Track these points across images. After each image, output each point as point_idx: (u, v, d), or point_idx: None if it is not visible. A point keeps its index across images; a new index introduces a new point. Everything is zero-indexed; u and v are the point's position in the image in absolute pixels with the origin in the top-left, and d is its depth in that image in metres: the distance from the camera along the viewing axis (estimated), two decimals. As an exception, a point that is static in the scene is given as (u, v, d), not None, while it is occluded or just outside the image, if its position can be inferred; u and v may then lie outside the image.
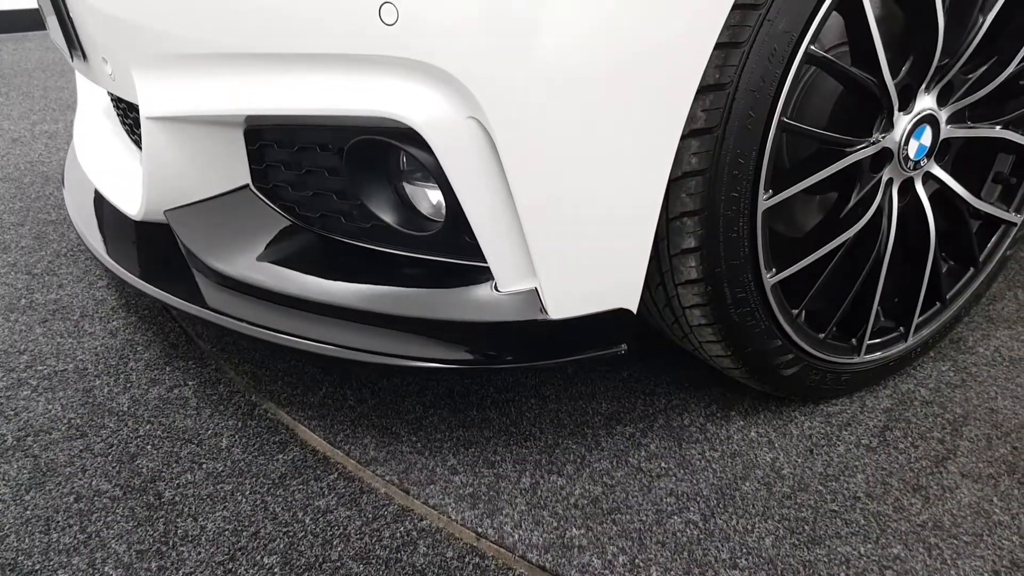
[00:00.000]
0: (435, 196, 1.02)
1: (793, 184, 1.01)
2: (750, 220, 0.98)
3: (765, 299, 1.05)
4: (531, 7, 0.79)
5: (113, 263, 1.26)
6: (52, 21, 1.28)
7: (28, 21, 4.22)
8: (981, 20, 1.08)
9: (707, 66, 0.88)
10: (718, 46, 0.88)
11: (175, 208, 1.16)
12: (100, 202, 1.46)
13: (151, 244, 1.30)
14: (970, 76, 1.13)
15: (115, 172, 1.40)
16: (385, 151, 0.97)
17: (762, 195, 0.98)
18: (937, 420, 1.20)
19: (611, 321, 0.99)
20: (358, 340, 1.00)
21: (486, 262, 0.95)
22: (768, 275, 1.04)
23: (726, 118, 0.91)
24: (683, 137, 0.91)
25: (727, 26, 0.87)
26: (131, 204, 1.25)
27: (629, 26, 0.82)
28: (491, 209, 0.91)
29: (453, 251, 1.00)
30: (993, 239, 1.32)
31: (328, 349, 1.01)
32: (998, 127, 1.20)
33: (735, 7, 0.87)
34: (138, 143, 1.46)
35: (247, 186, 1.14)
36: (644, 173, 0.90)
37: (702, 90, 0.89)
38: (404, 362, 0.99)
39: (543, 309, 0.95)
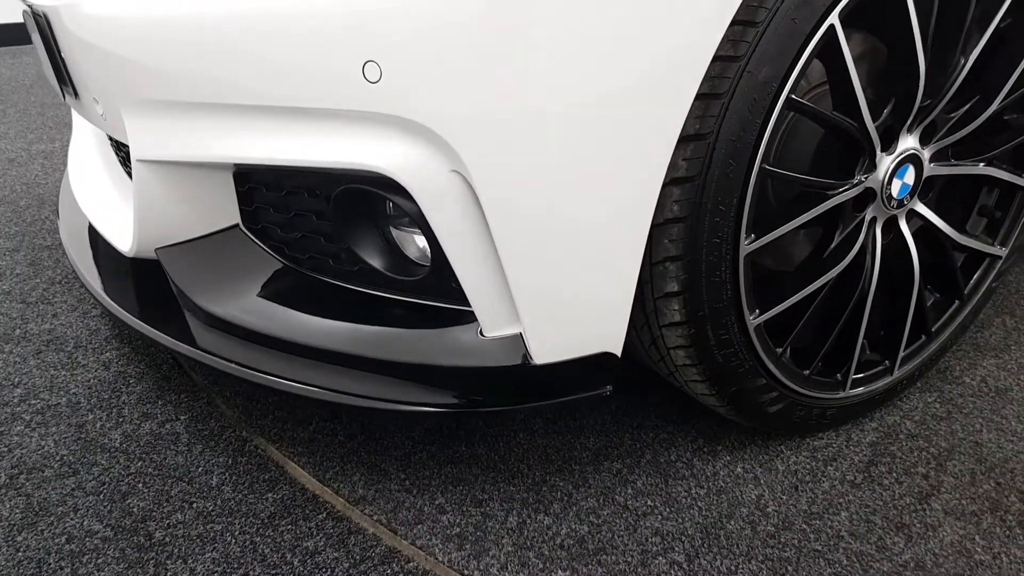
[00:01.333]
0: (422, 241, 1.03)
1: (776, 228, 1.02)
2: (732, 265, 1.00)
3: (748, 340, 1.06)
4: (512, 68, 0.80)
5: (107, 299, 1.27)
6: (43, 57, 1.29)
7: (25, 35, 4.24)
8: (963, 61, 1.09)
9: (688, 116, 0.89)
10: (699, 96, 0.89)
11: (166, 246, 1.17)
12: (95, 234, 1.48)
13: (144, 279, 1.31)
14: (953, 115, 1.14)
15: (108, 205, 1.42)
16: (372, 197, 0.98)
17: (744, 240, 0.99)
18: (922, 454, 1.21)
19: (595, 364, 1.00)
20: (345, 384, 1.01)
21: (471, 307, 0.96)
22: (751, 317, 1.05)
23: (707, 167, 0.92)
24: (665, 185, 0.92)
25: (707, 77, 0.88)
26: (123, 240, 1.26)
27: (610, 83, 0.83)
28: (475, 258, 0.92)
29: (439, 295, 1.01)
30: (978, 272, 1.33)
31: (315, 392, 1.02)
32: (981, 164, 1.21)
33: (715, 59, 0.88)
34: (131, 174, 1.47)
35: (237, 226, 1.15)
36: (626, 223, 0.92)
37: (683, 139, 0.90)
38: (390, 406, 1.00)
39: (528, 355, 0.97)
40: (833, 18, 0.92)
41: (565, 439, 1.23)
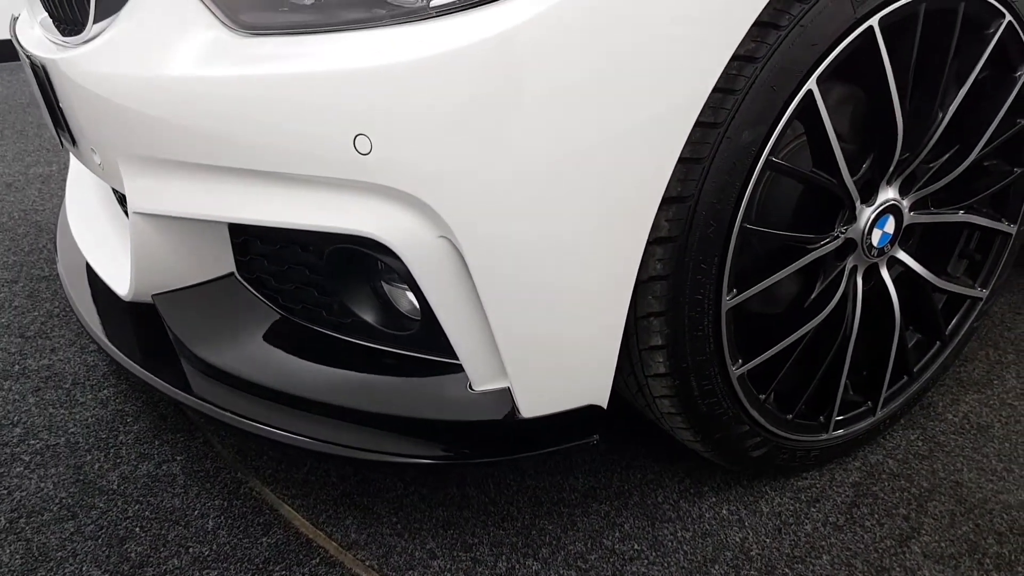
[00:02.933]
0: (413, 296, 1.05)
1: (757, 282, 1.05)
2: (714, 319, 1.02)
3: (732, 389, 1.09)
4: (498, 140, 0.83)
5: (106, 342, 1.28)
6: (40, 103, 1.31)
7: (23, 50, 4.25)
8: (941, 115, 1.12)
9: (670, 180, 0.92)
10: (680, 160, 0.91)
11: (163, 293, 1.20)
12: (93, 273, 1.50)
13: (142, 320, 1.33)
14: (932, 165, 1.17)
15: (105, 247, 1.44)
16: (364, 255, 1.01)
17: (725, 296, 1.02)
18: (903, 495, 1.24)
19: (583, 416, 1.03)
20: (336, 434, 1.04)
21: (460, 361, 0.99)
22: (734, 367, 1.07)
23: (689, 228, 0.95)
24: (648, 244, 0.95)
25: (688, 142, 0.91)
26: (120, 284, 1.28)
27: (595, 153, 0.86)
28: (463, 316, 0.95)
29: (430, 348, 1.04)
30: (960, 313, 1.36)
31: (307, 443, 1.05)
32: (961, 212, 1.24)
33: (696, 125, 0.90)
34: (128, 213, 1.49)
35: (232, 274, 1.17)
36: (610, 282, 0.94)
37: (666, 201, 0.93)
38: (380, 457, 1.02)
39: (516, 409, 0.99)
40: (811, 83, 0.95)
41: (554, 480, 1.25)
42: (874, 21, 0.96)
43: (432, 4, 0.83)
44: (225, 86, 0.91)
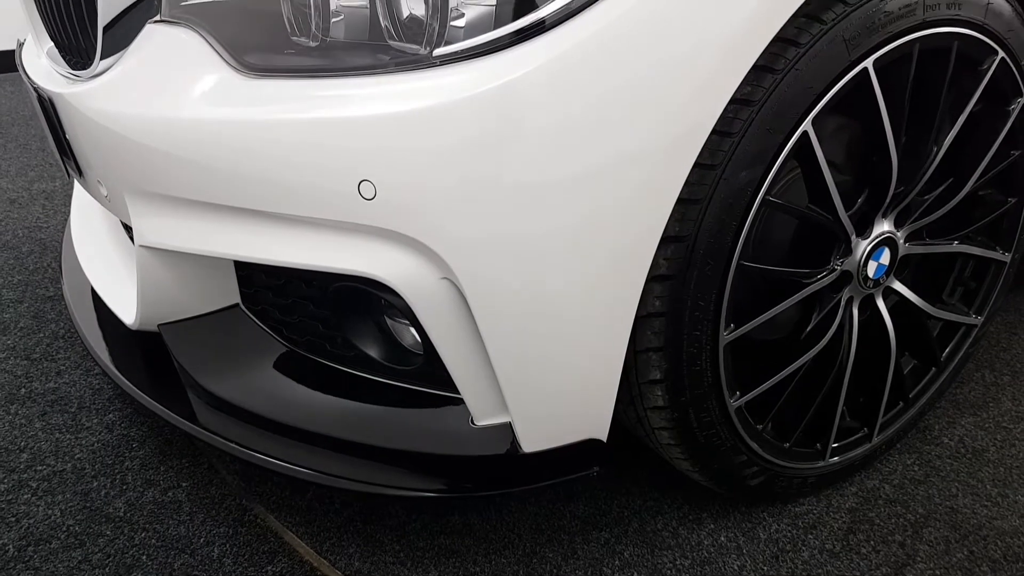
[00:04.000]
0: (415, 331, 1.07)
1: (755, 317, 1.07)
2: (712, 354, 1.04)
3: (729, 421, 1.10)
4: (499, 185, 0.84)
5: (113, 370, 1.29)
6: (47, 132, 1.33)
7: (26, 61, 4.27)
8: (935, 150, 1.13)
9: (669, 220, 0.94)
10: (679, 201, 0.93)
11: (169, 323, 1.21)
12: (98, 297, 1.51)
13: (148, 346, 1.34)
14: (927, 197, 1.19)
15: (111, 273, 1.45)
16: (368, 293, 1.02)
17: (723, 331, 1.03)
18: (899, 521, 1.26)
19: (583, 448, 1.05)
20: (339, 467, 1.06)
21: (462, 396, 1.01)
22: (732, 400, 1.09)
23: (686, 266, 0.97)
24: (647, 281, 0.96)
25: (687, 183, 0.93)
26: (127, 313, 1.30)
27: (595, 194, 0.88)
28: (464, 354, 0.96)
29: (432, 383, 1.05)
30: (955, 339, 1.37)
31: (311, 475, 1.06)
32: (956, 242, 1.26)
33: (694, 166, 0.92)
34: (133, 238, 1.51)
35: (238, 305, 1.19)
36: (610, 320, 0.96)
37: (664, 240, 0.95)
38: (383, 490, 1.04)
39: (517, 443, 1.01)
40: (807, 125, 0.97)
41: (555, 507, 1.27)
42: (868, 63, 0.98)
43: (435, 54, 0.85)
44: (230, 128, 0.93)
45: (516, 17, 0.83)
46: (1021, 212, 1.30)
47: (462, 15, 0.85)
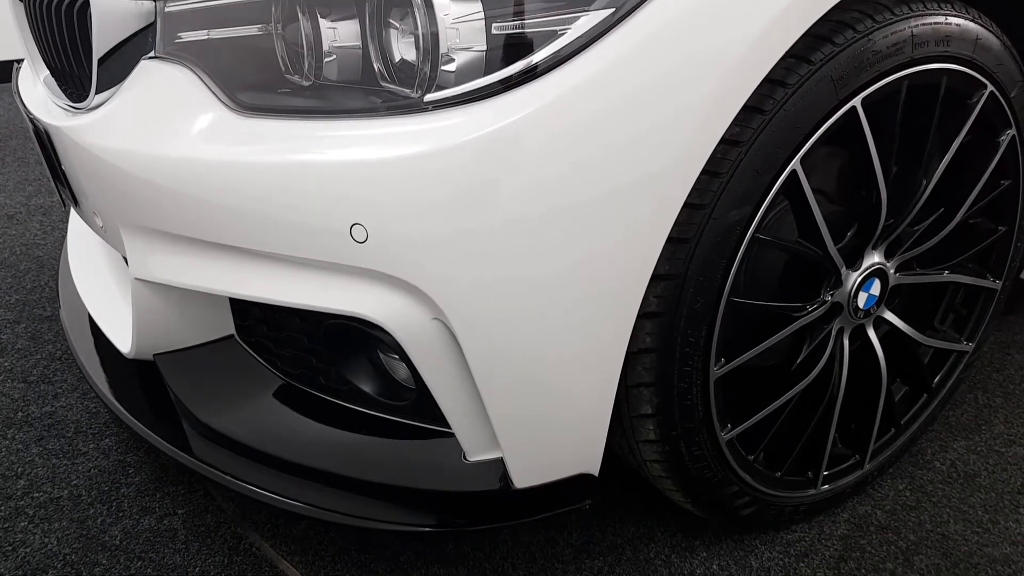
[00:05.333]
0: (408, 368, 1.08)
1: (745, 351, 1.07)
2: (703, 389, 1.05)
3: (721, 454, 1.11)
4: (488, 229, 0.85)
5: (110, 399, 1.30)
6: (42, 160, 1.33)
7: (24, 72, 4.27)
8: (925, 183, 1.14)
9: (659, 259, 0.94)
10: (668, 240, 0.94)
11: (165, 353, 1.22)
12: (96, 324, 1.52)
13: (145, 374, 1.34)
14: (917, 228, 1.19)
15: (108, 300, 1.46)
16: (361, 330, 1.03)
17: (713, 366, 1.04)
18: (891, 548, 1.26)
19: (575, 482, 1.06)
20: (333, 501, 1.06)
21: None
22: (723, 432, 1.10)
23: (676, 303, 0.97)
24: (638, 318, 0.97)
25: (676, 223, 0.93)
26: (123, 342, 1.30)
27: (586, 236, 0.88)
28: (456, 391, 0.97)
29: (425, 417, 1.06)
30: (947, 366, 1.38)
31: (306, 509, 1.07)
32: (946, 272, 1.26)
33: (684, 206, 0.93)
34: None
35: (232, 336, 1.20)
36: (601, 358, 0.97)
37: (655, 279, 0.95)
38: (376, 524, 1.05)
39: (509, 479, 1.02)
40: (795, 164, 0.97)
41: (548, 535, 1.28)
42: (856, 101, 0.99)
43: (427, 99, 0.86)
44: (223, 166, 0.94)
45: (505, 63, 0.84)
46: (1011, 240, 1.31)
47: (452, 60, 0.86)
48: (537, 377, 0.95)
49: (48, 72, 1.35)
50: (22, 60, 1.50)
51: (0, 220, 2.50)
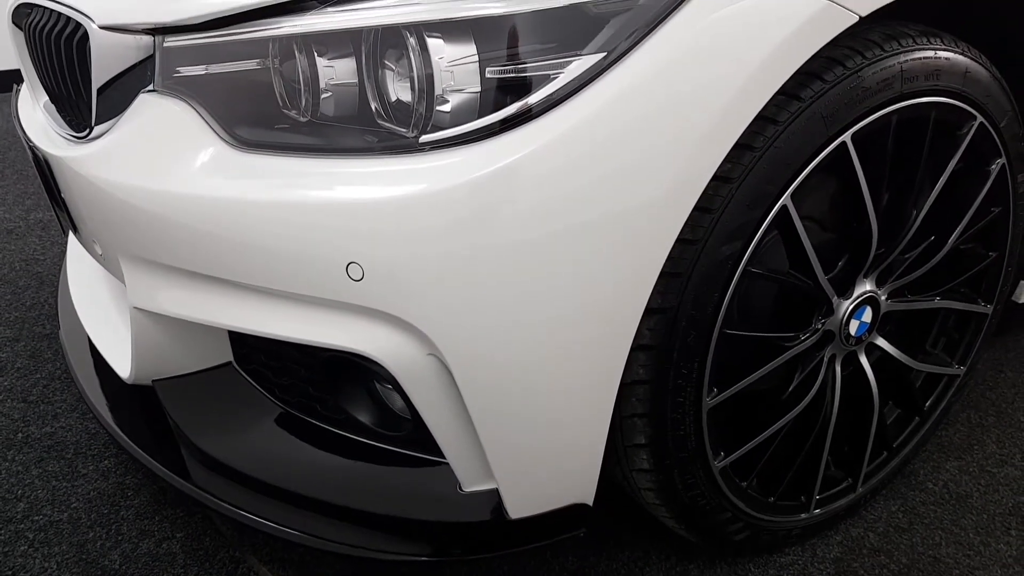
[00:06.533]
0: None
1: (738, 381, 1.09)
2: (696, 420, 1.06)
3: (714, 482, 1.12)
4: (483, 267, 0.86)
5: (111, 424, 1.30)
6: (42, 187, 1.34)
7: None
8: (915, 212, 1.15)
9: (652, 293, 0.95)
10: (661, 275, 0.95)
11: (163, 379, 1.23)
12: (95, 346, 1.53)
13: (144, 398, 1.35)
14: (908, 256, 1.21)
15: (107, 322, 1.47)
16: (358, 363, 1.04)
17: (706, 397, 1.05)
18: (883, 572, 1.28)
19: (570, 512, 1.07)
20: (329, 530, 1.07)
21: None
22: (716, 461, 1.11)
23: (669, 336, 0.99)
24: (632, 350, 0.98)
25: (669, 257, 0.95)
26: (122, 367, 1.31)
27: (578, 274, 0.90)
28: (451, 424, 0.98)
29: (421, 447, 1.07)
30: (939, 389, 1.39)
31: (303, 538, 1.08)
32: (937, 298, 1.28)
33: (676, 241, 0.94)
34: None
35: (230, 363, 1.21)
36: (594, 391, 0.98)
37: (648, 312, 0.97)
38: (372, 554, 1.06)
39: (504, 510, 1.03)
40: (786, 199, 0.99)
41: (543, 559, 1.29)
42: (846, 137, 1.00)
43: (422, 140, 0.87)
44: (220, 202, 0.95)
45: (499, 105, 0.85)
46: (1002, 265, 1.32)
47: (447, 101, 0.87)
48: (532, 413, 0.96)
49: (47, 98, 1.36)
50: (21, 79, 1.51)
51: (0, 235, 2.51)
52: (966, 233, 1.23)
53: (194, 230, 0.97)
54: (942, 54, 1.06)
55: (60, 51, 1.16)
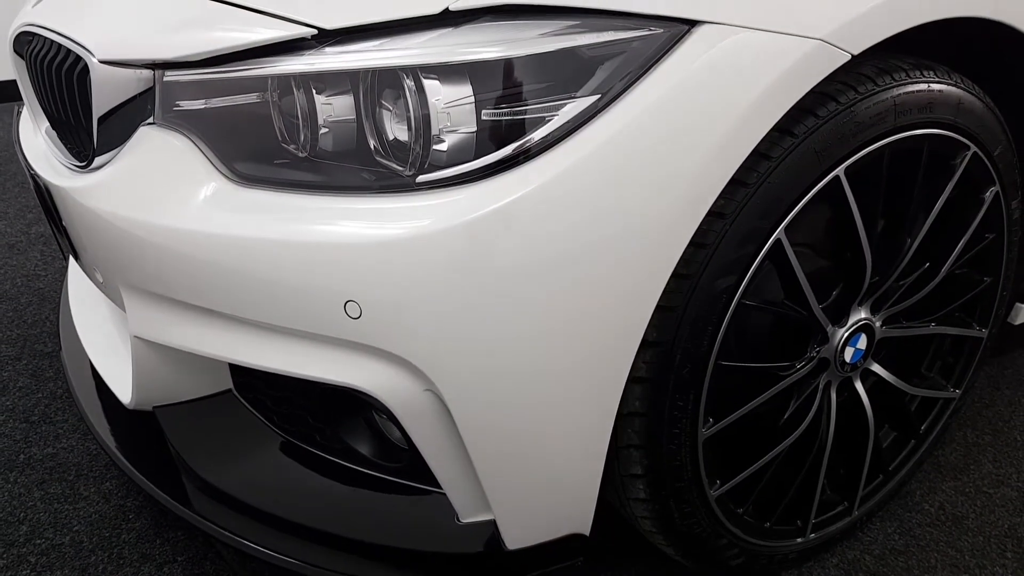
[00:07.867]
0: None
1: (733, 411, 1.10)
2: (691, 449, 1.07)
3: (710, 510, 1.13)
4: (481, 307, 0.88)
5: (114, 451, 1.31)
6: (43, 213, 1.35)
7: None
8: (909, 242, 1.16)
9: (647, 327, 0.96)
10: (656, 309, 0.96)
11: (164, 406, 1.24)
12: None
13: (146, 423, 1.36)
14: (903, 283, 1.21)
15: (109, 346, 1.48)
16: (356, 397, 1.05)
17: (702, 428, 1.06)
18: (879, 595, 1.29)
19: (567, 542, 1.08)
20: (330, 560, 1.09)
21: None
22: (711, 490, 1.12)
23: (664, 369, 0.99)
24: (627, 383, 0.99)
25: (664, 292, 0.96)
26: (123, 393, 1.32)
27: (574, 310, 0.91)
28: (448, 457, 0.99)
29: (419, 478, 1.08)
30: (934, 411, 1.40)
31: (303, 567, 1.09)
32: (932, 324, 1.29)
33: (671, 276, 0.95)
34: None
35: (231, 390, 1.22)
36: (590, 426, 0.99)
37: (643, 346, 0.98)
38: (373, 584, 1.07)
39: (501, 541, 1.04)
40: (779, 233, 0.99)
41: (542, 583, 1.29)
42: (840, 171, 1.01)
43: (419, 180, 0.88)
44: (220, 238, 0.96)
45: (495, 146, 0.86)
46: (997, 290, 1.33)
47: (444, 141, 0.88)
48: (529, 445, 0.97)
49: (48, 123, 1.37)
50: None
51: (1, 249, 2.52)
52: (960, 259, 1.24)
53: (194, 264, 0.98)
54: (935, 86, 1.07)
55: (61, 81, 1.17)
